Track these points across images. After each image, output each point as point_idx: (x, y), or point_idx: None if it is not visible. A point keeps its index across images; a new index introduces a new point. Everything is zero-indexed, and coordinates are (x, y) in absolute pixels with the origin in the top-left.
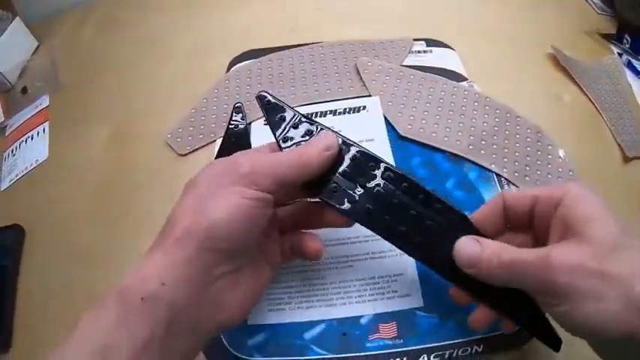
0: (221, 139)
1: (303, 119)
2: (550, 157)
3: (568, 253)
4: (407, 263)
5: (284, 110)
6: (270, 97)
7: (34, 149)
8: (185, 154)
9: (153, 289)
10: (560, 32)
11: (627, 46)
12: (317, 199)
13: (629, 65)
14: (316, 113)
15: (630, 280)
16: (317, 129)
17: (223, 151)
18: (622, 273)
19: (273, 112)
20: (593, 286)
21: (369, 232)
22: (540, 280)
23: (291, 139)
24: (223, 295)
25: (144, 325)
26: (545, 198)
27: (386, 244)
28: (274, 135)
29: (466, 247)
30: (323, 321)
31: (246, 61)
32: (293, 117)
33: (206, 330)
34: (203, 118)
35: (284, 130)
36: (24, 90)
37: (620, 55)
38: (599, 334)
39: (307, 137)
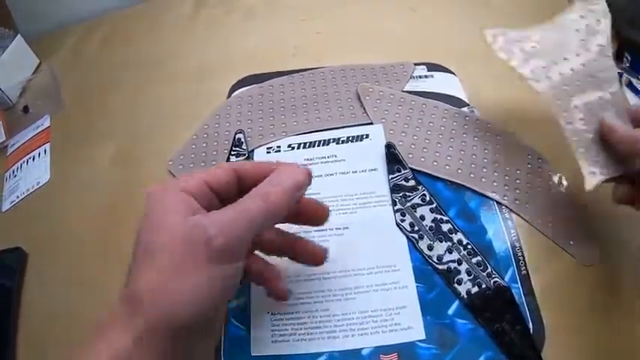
0: None
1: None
2: (551, 183)
3: None
4: (410, 296)
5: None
6: (396, 152)
7: (36, 171)
8: None
9: None
10: None
11: (627, 65)
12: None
13: (630, 85)
14: (320, 142)
15: None
16: (419, 191)
17: None
18: None
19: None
20: None
21: (373, 264)
22: None
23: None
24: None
25: None
26: None
27: (389, 277)
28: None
29: (610, 118)
30: (325, 353)
31: (247, 87)
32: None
33: None
34: (204, 145)
35: (396, 177)
36: (25, 109)
37: (620, 75)
38: None
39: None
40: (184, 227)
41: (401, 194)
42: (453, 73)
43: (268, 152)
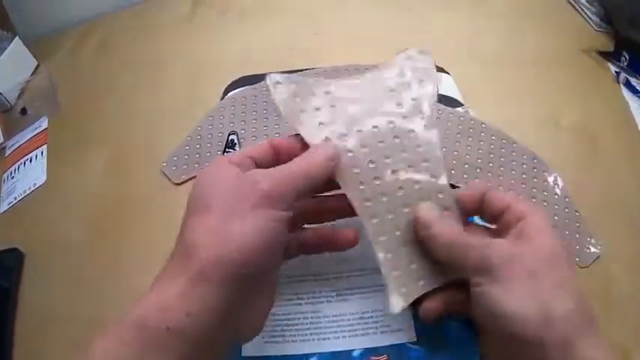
0: None
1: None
2: (546, 184)
3: (509, 244)
4: None
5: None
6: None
7: (33, 172)
8: (180, 183)
9: (178, 321)
10: (557, 52)
11: (625, 63)
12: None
13: (627, 84)
14: None
15: (552, 292)
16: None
17: None
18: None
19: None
20: (522, 276)
21: (365, 265)
22: (478, 256)
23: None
24: (244, 314)
25: (168, 358)
26: (515, 209)
27: (380, 279)
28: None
29: (429, 210)
30: (316, 354)
31: (241, 88)
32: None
33: (224, 350)
34: (198, 146)
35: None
36: (23, 111)
37: (617, 73)
38: (511, 323)
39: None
40: (235, 178)
41: None
42: (448, 73)
43: None
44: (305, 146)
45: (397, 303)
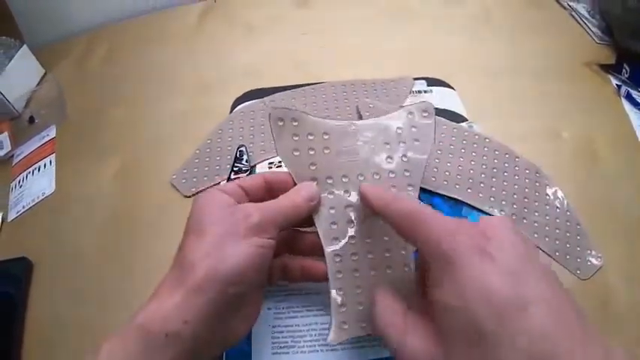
0: (225, 181)
1: None
2: (548, 197)
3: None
4: None
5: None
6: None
7: (41, 182)
8: (190, 196)
9: (176, 327)
10: (559, 65)
11: (626, 76)
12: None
13: (628, 96)
14: None
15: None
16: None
17: None
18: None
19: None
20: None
21: None
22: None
23: None
24: (233, 323)
25: (167, 359)
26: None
27: None
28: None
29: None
30: None
31: (250, 102)
32: None
33: (217, 353)
34: (207, 159)
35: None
36: (31, 119)
37: (618, 86)
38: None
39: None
40: (229, 208)
41: None
42: (452, 88)
43: (270, 167)
44: (294, 183)
45: (336, 336)
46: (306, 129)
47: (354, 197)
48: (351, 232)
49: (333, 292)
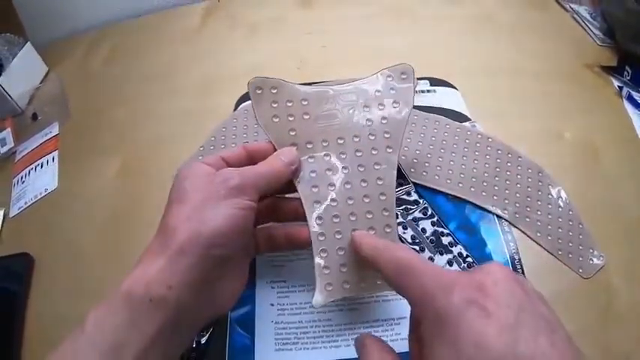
0: None
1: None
2: (550, 197)
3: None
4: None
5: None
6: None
7: (44, 178)
8: None
9: (160, 292)
10: (561, 66)
11: (628, 78)
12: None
13: (629, 98)
14: None
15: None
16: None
17: None
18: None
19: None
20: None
21: None
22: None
23: None
24: (218, 290)
25: (153, 324)
26: None
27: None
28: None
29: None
30: None
31: None
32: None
33: (203, 321)
34: None
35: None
36: (34, 116)
37: (620, 88)
38: None
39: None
40: (208, 175)
41: (403, 207)
42: (456, 88)
43: None
44: (275, 150)
45: (321, 298)
46: (285, 96)
47: (334, 160)
48: (332, 194)
49: (316, 254)
